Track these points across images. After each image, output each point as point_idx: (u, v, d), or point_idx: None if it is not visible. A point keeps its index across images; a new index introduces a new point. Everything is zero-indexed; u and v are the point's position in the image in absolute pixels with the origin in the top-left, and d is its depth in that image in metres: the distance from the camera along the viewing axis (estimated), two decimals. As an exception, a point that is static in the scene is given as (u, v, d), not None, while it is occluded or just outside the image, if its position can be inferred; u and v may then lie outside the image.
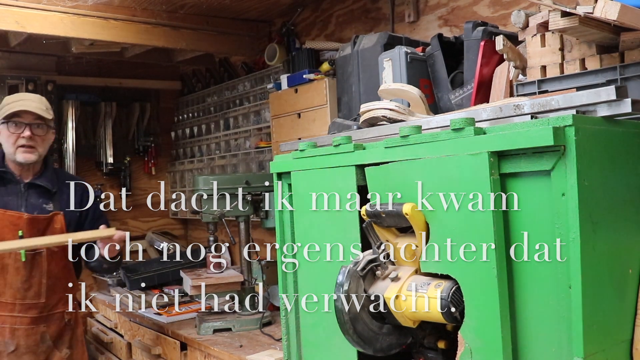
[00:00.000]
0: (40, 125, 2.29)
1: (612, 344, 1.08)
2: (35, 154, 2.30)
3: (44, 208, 2.33)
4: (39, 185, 2.34)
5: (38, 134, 2.29)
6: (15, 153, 2.28)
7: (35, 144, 2.29)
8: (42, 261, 2.28)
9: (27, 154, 2.28)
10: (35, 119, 2.27)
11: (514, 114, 1.25)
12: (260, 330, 2.55)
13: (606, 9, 1.23)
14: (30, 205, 2.30)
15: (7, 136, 2.29)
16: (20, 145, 2.26)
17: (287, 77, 2.98)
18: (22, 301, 2.27)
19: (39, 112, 2.26)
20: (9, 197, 2.29)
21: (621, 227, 1.12)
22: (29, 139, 2.26)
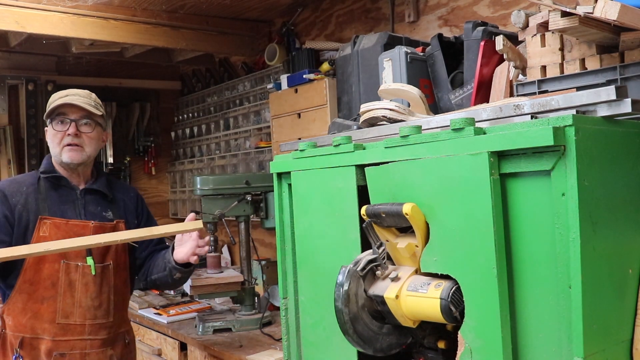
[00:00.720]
0: (88, 122, 2.03)
1: (612, 343, 1.08)
2: (83, 154, 2.02)
3: (104, 216, 2.09)
4: (95, 191, 2.10)
5: (85, 131, 2.03)
6: (60, 153, 2.01)
7: (81, 143, 2.02)
8: (110, 275, 2.04)
9: (73, 152, 2.00)
10: (81, 115, 2.02)
11: (514, 114, 1.25)
12: (260, 330, 2.55)
13: (606, 9, 1.23)
14: (90, 214, 2.05)
15: (52, 135, 2.04)
16: (66, 145, 2.01)
17: (287, 77, 2.98)
18: (92, 321, 1.99)
19: (86, 107, 2.01)
20: (66, 206, 2.02)
21: (621, 227, 1.12)
22: (75, 136, 2.00)
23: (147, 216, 2.25)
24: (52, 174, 2.04)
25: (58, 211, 2.00)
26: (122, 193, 2.19)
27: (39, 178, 2.04)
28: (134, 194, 2.26)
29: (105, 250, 2.02)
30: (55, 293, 1.94)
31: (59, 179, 2.05)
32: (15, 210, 1.96)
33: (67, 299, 1.95)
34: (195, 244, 2.02)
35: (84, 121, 2.02)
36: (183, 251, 2.04)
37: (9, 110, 3.95)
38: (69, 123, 2.01)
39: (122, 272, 2.09)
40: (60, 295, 1.94)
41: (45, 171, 2.06)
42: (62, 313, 1.95)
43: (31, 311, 1.93)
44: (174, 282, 2.12)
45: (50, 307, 1.94)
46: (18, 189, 2.00)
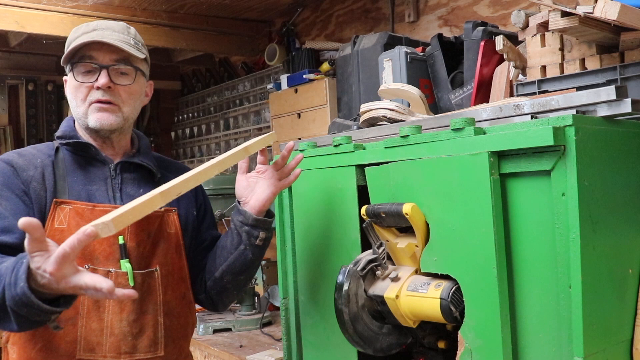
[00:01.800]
0: (126, 70, 1.41)
1: (612, 343, 1.08)
2: (118, 116, 1.41)
3: None
4: (137, 166, 1.49)
5: (122, 82, 1.40)
6: (86, 114, 1.40)
7: (116, 100, 1.40)
8: (157, 286, 1.41)
9: (104, 113, 1.39)
10: (117, 59, 1.39)
11: (514, 114, 1.25)
12: (261, 330, 2.55)
13: (606, 9, 1.23)
14: (128, 197, 1.42)
15: (74, 88, 1.41)
16: (94, 102, 1.39)
17: (287, 77, 2.98)
18: (131, 356, 1.37)
19: (123, 46, 1.37)
20: (94, 186, 1.42)
21: (621, 227, 1.12)
22: (107, 90, 1.38)
23: (210, 210, 1.66)
24: (74, 140, 1.44)
25: (83, 193, 1.40)
26: (175, 172, 1.47)
27: (57, 148, 1.45)
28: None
29: (149, 251, 1.41)
30: (75, 315, 1.33)
31: (84, 147, 1.44)
32: (30, 187, 1.37)
33: (93, 324, 1.34)
34: (275, 172, 1.46)
35: (120, 68, 1.40)
36: (262, 193, 1.44)
37: (9, 110, 3.96)
38: (98, 71, 1.38)
39: (177, 283, 1.47)
40: (82, 319, 1.34)
41: (64, 136, 1.45)
42: (86, 344, 1.34)
43: (42, 340, 1.34)
44: (253, 259, 1.46)
45: (68, 336, 1.33)
46: (31, 162, 1.40)
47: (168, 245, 1.46)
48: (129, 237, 1.40)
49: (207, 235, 1.60)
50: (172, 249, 1.47)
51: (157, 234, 1.44)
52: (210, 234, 1.61)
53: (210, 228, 1.63)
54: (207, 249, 1.58)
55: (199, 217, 1.60)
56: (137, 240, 1.40)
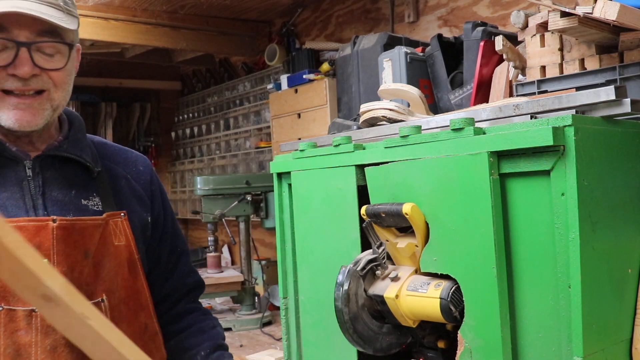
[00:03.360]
0: (53, 47, 1.04)
1: (611, 343, 1.08)
2: (45, 108, 1.04)
3: (82, 206, 1.09)
4: (64, 160, 1.11)
5: (50, 66, 1.03)
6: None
7: (44, 85, 1.03)
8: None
9: (25, 112, 1.02)
10: (40, 31, 1.01)
11: (514, 114, 1.25)
12: (261, 330, 2.55)
13: (605, 9, 1.24)
14: (55, 202, 1.07)
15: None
16: (10, 94, 1.01)
17: (287, 78, 2.98)
18: None
19: (46, 18, 0.99)
20: (4, 193, 1.04)
21: (620, 227, 1.12)
22: (30, 77, 1.01)
23: (170, 213, 1.28)
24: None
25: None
26: (123, 164, 1.20)
27: None
28: (146, 167, 1.25)
29: (89, 277, 1.05)
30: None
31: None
32: None
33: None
34: None
35: (45, 44, 1.02)
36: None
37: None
38: (14, 49, 0.99)
39: (134, 313, 1.13)
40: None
41: None
42: None
43: None
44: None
45: None
46: None
47: (117, 263, 1.09)
48: (56, 260, 1.00)
49: (163, 253, 1.23)
50: (123, 268, 1.10)
51: (99, 250, 1.07)
52: (166, 250, 1.24)
53: (165, 245, 1.24)
54: (163, 274, 1.23)
55: (154, 229, 1.21)
56: (68, 263, 1.02)
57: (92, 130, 4.27)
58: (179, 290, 1.27)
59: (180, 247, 1.28)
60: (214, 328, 1.29)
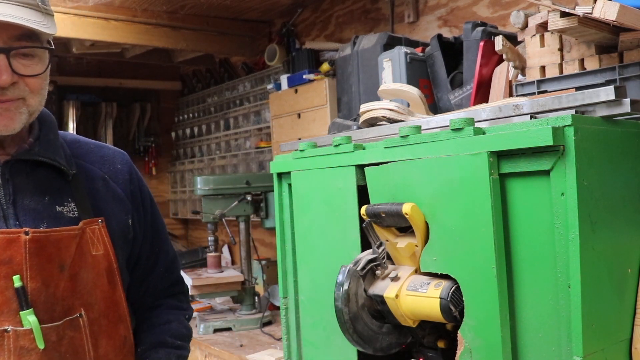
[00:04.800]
0: (30, 52, 0.98)
1: (611, 343, 1.08)
2: (22, 112, 0.99)
3: (57, 213, 1.04)
4: (35, 163, 1.05)
5: (29, 72, 0.97)
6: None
7: (21, 93, 0.98)
8: (83, 340, 1.02)
9: (1, 116, 0.96)
10: (19, 35, 0.96)
11: (514, 114, 1.26)
12: (261, 329, 2.56)
13: (605, 9, 1.24)
14: (27, 211, 1.01)
15: None
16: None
17: (287, 78, 2.99)
18: None
19: (26, 24, 0.93)
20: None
21: (620, 227, 1.13)
22: (10, 86, 0.95)
23: (151, 215, 1.22)
24: None
25: None
26: (100, 163, 1.14)
27: None
28: (125, 165, 1.19)
29: (66, 290, 1.00)
30: None
31: None
32: None
33: None
34: None
35: (21, 49, 0.96)
36: None
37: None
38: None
39: (113, 326, 1.08)
40: None
41: None
42: None
43: None
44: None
45: None
46: None
47: (96, 274, 1.04)
48: (30, 275, 0.95)
49: (142, 254, 1.19)
50: (102, 279, 1.04)
51: (76, 262, 1.01)
52: (146, 251, 1.19)
53: (145, 246, 1.19)
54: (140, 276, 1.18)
55: (136, 232, 1.16)
56: (43, 277, 0.96)
57: (92, 130, 4.27)
58: (152, 293, 1.22)
59: (158, 248, 1.23)
60: (167, 323, 1.21)
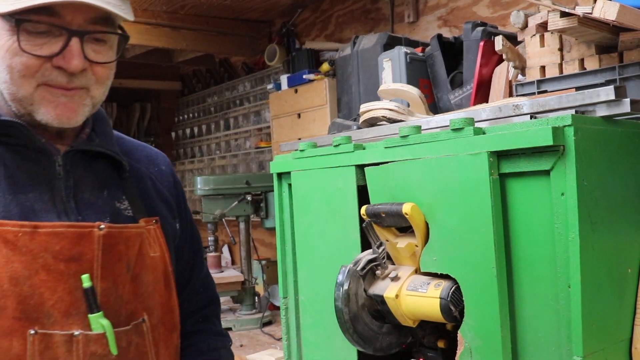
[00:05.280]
0: (103, 38, 0.90)
1: (611, 343, 1.08)
2: (86, 104, 0.90)
3: (117, 209, 0.96)
4: (94, 156, 0.97)
5: (100, 59, 0.89)
6: (32, 99, 0.87)
7: (87, 82, 0.89)
8: (146, 348, 0.94)
9: (66, 108, 0.88)
10: (93, 18, 0.87)
11: (513, 114, 1.26)
12: (261, 329, 2.55)
13: (605, 9, 1.24)
14: (88, 205, 0.93)
15: (9, 52, 0.85)
16: (51, 86, 0.87)
17: (287, 78, 2.99)
18: None
19: (105, 7, 0.85)
20: (31, 194, 0.89)
21: (620, 227, 1.13)
22: (76, 72, 0.86)
23: (190, 223, 1.17)
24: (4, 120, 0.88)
25: (13, 206, 0.86)
26: (146, 162, 1.07)
27: None
28: (168, 167, 1.11)
29: (130, 292, 0.93)
30: None
31: (12, 130, 0.89)
32: None
33: None
34: None
35: (97, 35, 0.88)
36: None
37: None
38: (64, 37, 0.84)
39: (169, 334, 1.01)
40: None
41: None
42: None
43: None
44: None
45: None
46: None
47: (154, 277, 0.97)
48: (101, 275, 0.88)
49: (182, 263, 1.10)
50: (160, 283, 0.98)
51: (137, 263, 0.94)
52: (184, 260, 1.11)
53: (187, 254, 1.13)
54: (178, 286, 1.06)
55: (181, 235, 1.10)
56: (113, 277, 0.89)
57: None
58: (187, 309, 1.10)
59: (195, 259, 1.15)
60: (214, 350, 1.13)
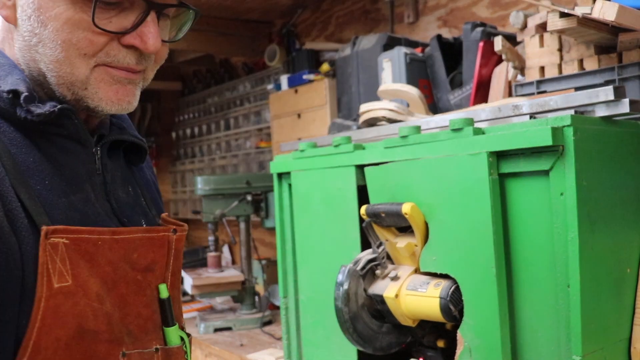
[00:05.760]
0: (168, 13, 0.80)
1: (610, 342, 1.09)
2: (138, 88, 0.82)
3: (144, 208, 0.90)
4: (117, 146, 0.89)
5: (168, 38, 0.82)
6: (87, 81, 0.74)
7: (147, 64, 0.79)
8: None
9: (125, 91, 0.79)
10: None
11: (513, 114, 1.26)
12: (261, 329, 2.56)
13: (604, 9, 1.24)
14: (123, 205, 0.85)
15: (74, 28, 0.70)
16: (113, 67, 0.75)
17: (287, 78, 2.99)
18: None
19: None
20: (79, 194, 0.76)
21: (619, 227, 1.13)
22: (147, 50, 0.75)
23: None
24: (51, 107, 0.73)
25: (71, 210, 0.75)
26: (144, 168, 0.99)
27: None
28: (151, 165, 1.04)
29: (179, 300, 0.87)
30: None
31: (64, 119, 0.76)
32: None
33: None
34: None
35: (173, 9, 0.80)
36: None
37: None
38: (139, 10, 0.74)
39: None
40: None
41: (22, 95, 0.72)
42: None
43: None
44: None
45: None
46: None
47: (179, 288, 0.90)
48: (171, 284, 0.82)
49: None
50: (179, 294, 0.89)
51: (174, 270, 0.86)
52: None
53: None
54: None
55: None
56: (178, 284, 0.84)
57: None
58: None
59: None
60: None
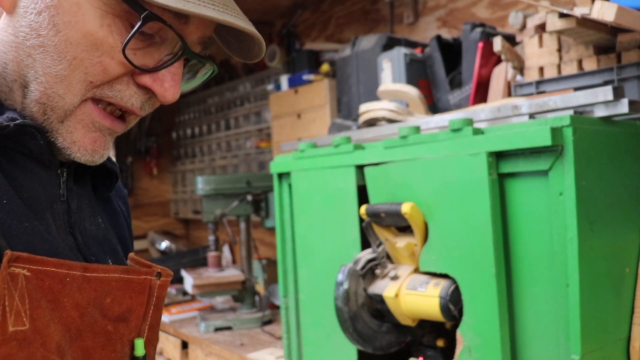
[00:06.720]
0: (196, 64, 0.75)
1: (609, 342, 1.09)
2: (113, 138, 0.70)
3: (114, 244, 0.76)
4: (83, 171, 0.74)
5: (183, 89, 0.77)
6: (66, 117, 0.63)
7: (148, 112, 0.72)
8: None
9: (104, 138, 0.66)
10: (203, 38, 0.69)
11: (512, 114, 1.26)
12: (261, 328, 2.56)
13: (603, 10, 1.24)
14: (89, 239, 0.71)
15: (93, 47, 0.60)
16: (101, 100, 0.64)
17: (287, 78, 2.99)
18: None
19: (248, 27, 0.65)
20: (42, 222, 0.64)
21: (618, 226, 1.13)
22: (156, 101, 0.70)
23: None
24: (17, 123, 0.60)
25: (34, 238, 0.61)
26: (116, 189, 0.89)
27: None
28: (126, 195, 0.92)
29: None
30: None
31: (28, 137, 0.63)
32: None
33: None
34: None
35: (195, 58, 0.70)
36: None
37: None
38: (167, 50, 0.66)
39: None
40: None
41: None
42: None
43: None
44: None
45: None
46: None
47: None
48: (148, 338, 0.71)
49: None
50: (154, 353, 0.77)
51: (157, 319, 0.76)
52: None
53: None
54: None
55: None
56: (156, 339, 0.73)
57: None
58: None
59: None
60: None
